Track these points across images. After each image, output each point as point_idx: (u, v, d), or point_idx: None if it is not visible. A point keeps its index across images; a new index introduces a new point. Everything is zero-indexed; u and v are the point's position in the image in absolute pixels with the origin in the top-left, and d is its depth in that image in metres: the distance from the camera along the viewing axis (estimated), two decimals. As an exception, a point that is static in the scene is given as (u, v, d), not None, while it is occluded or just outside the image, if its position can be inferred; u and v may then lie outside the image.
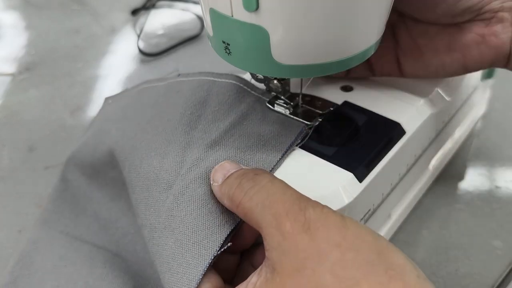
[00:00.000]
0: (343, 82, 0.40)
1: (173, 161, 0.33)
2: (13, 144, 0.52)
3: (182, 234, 0.29)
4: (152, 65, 0.65)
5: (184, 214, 0.29)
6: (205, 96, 0.37)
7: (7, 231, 0.43)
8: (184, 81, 0.39)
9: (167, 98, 0.38)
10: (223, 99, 0.36)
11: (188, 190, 0.30)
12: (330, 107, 0.36)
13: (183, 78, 0.40)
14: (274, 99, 0.36)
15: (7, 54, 0.68)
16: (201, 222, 0.29)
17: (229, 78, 0.38)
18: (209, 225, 0.28)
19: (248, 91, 0.37)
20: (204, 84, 0.38)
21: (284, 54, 0.28)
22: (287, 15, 0.26)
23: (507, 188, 0.45)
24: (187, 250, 0.28)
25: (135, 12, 0.75)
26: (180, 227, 0.29)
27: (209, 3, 0.29)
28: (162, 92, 0.40)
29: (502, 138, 0.51)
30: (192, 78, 0.39)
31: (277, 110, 0.36)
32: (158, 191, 0.32)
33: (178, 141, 0.34)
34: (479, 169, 0.47)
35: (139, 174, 0.34)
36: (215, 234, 0.28)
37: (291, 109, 0.35)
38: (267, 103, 0.36)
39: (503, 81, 0.54)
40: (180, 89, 0.38)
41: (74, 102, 0.58)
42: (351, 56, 0.29)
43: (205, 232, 0.28)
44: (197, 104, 0.36)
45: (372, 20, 0.29)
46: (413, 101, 0.38)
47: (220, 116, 0.35)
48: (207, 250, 0.27)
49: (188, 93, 0.37)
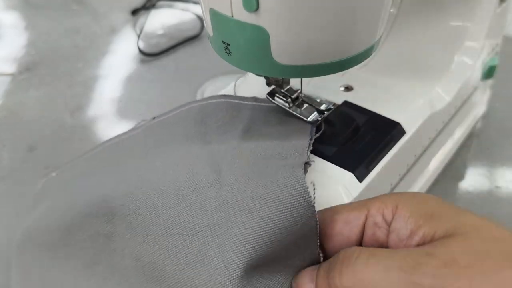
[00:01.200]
0: (343, 82, 0.40)
1: (207, 181, 0.29)
2: (13, 144, 0.52)
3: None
4: (152, 65, 0.65)
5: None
6: (201, 117, 0.35)
7: (7, 231, 0.43)
8: (165, 119, 0.37)
9: (154, 139, 0.35)
10: (221, 114, 0.35)
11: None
12: (330, 105, 0.36)
13: (162, 117, 0.37)
14: (274, 91, 0.36)
15: (7, 54, 0.68)
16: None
17: (215, 98, 0.36)
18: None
19: (241, 102, 0.36)
20: (192, 109, 0.36)
21: (284, 54, 0.28)
22: (287, 16, 0.26)
23: (507, 188, 0.45)
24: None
25: (135, 12, 0.75)
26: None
27: (209, 3, 0.28)
28: (142, 137, 0.36)
29: (502, 138, 0.51)
30: (172, 113, 0.37)
31: (277, 102, 0.35)
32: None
33: (202, 158, 0.30)
34: (479, 169, 0.47)
35: (161, 216, 0.28)
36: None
37: (291, 103, 0.35)
38: (266, 95, 0.36)
39: (503, 81, 0.54)
40: (166, 125, 0.36)
41: (74, 102, 0.58)
42: (351, 57, 0.29)
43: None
44: (196, 123, 0.34)
45: (372, 20, 0.29)
46: (413, 101, 0.38)
47: (228, 127, 0.33)
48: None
49: (180, 122, 0.35)
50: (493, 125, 0.52)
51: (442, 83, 0.40)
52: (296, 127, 0.33)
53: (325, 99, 0.37)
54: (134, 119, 0.55)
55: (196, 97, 0.58)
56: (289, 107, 0.35)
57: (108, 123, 0.55)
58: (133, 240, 0.29)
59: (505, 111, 0.54)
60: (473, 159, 0.48)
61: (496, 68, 0.47)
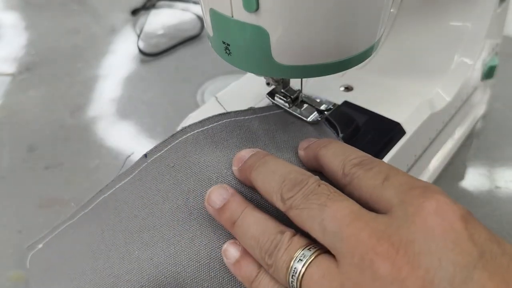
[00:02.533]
0: (343, 82, 0.40)
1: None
2: (13, 144, 0.52)
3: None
4: (152, 65, 0.65)
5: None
6: (213, 144, 0.32)
7: (7, 231, 0.43)
8: (162, 158, 0.33)
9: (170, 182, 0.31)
10: (233, 139, 0.32)
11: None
12: (330, 106, 0.36)
13: (158, 154, 0.33)
14: (274, 91, 0.36)
15: (7, 54, 0.68)
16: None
17: (214, 120, 0.33)
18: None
19: (244, 118, 0.34)
20: (199, 137, 0.32)
21: (284, 55, 0.28)
22: (287, 16, 0.26)
23: (507, 188, 0.45)
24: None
25: (135, 12, 0.75)
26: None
27: (209, 3, 0.28)
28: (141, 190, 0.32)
29: (502, 138, 0.51)
30: (167, 147, 0.33)
31: (277, 102, 0.35)
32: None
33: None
34: (479, 169, 0.47)
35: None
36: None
37: (291, 103, 0.35)
38: (266, 95, 0.36)
39: (503, 81, 0.54)
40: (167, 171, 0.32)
41: (74, 102, 0.58)
42: (351, 57, 0.29)
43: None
44: (214, 151, 0.31)
45: (372, 20, 0.29)
46: (413, 101, 0.38)
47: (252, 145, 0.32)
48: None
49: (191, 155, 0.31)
50: (493, 125, 0.52)
51: (442, 83, 0.40)
52: (315, 133, 0.33)
53: (325, 99, 0.37)
54: (134, 119, 0.55)
55: (196, 97, 0.58)
56: (289, 107, 0.35)
57: (108, 123, 0.55)
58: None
59: (505, 111, 0.54)
60: (473, 159, 0.48)
61: (496, 68, 0.47)
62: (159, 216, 0.30)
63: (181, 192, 0.30)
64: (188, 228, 0.28)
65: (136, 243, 0.29)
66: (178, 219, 0.29)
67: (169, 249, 0.28)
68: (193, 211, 0.29)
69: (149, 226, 0.30)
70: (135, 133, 0.54)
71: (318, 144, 0.29)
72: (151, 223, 0.30)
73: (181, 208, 0.29)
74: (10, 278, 0.39)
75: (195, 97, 0.58)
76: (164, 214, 0.29)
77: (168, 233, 0.29)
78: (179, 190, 0.30)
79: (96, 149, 0.51)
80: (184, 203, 0.29)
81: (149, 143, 0.52)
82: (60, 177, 0.48)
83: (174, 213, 0.29)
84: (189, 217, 0.29)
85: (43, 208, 0.44)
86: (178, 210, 0.29)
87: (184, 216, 0.29)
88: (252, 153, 0.28)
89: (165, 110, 0.56)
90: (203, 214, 0.28)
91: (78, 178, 0.48)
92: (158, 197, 0.30)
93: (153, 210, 0.30)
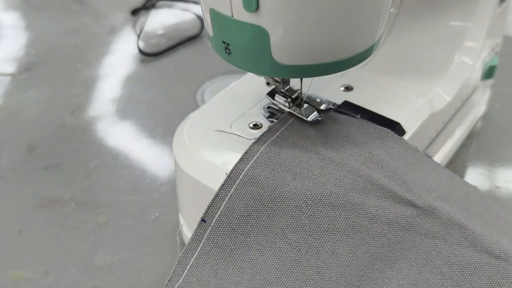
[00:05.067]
0: (343, 82, 0.40)
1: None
2: (13, 144, 0.52)
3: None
4: (152, 65, 0.65)
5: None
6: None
7: (7, 231, 0.43)
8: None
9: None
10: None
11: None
12: (331, 105, 0.36)
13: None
14: (274, 91, 0.36)
15: (7, 54, 0.68)
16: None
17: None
18: None
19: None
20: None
21: (284, 54, 0.28)
22: (287, 15, 0.26)
23: (507, 188, 0.45)
24: None
25: (135, 12, 0.75)
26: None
27: (209, 3, 0.29)
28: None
29: (502, 138, 0.51)
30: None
31: (277, 102, 0.35)
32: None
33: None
34: (479, 169, 0.47)
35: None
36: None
37: (291, 103, 0.35)
38: (266, 95, 0.36)
39: (503, 81, 0.54)
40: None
41: (74, 102, 0.58)
42: (351, 57, 0.29)
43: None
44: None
45: (372, 20, 0.29)
46: (413, 101, 0.38)
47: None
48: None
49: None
50: (493, 125, 0.52)
51: (442, 83, 0.40)
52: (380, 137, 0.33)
53: (325, 99, 0.37)
54: (134, 119, 0.55)
55: (196, 97, 0.58)
56: (289, 107, 0.35)
57: (108, 123, 0.55)
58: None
59: (505, 111, 0.54)
60: (473, 159, 0.48)
61: (496, 68, 0.47)
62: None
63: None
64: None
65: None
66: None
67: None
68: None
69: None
70: (135, 133, 0.54)
71: None
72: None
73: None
74: (10, 278, 0.39)
75: (195, 97, 0.58)
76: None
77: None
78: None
79: (96, 149, 0.51)
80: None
81: (149, 143, 0.52)
82: (60, 177, 0.48)
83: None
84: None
85: (43, 208, 0.44)
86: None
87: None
88: None
89: (165, 110, 0.56)
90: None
91: (78, 178, 0.48)
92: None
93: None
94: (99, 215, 0.44)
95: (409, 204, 0.29)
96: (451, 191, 0.31)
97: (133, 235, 0.42)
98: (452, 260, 0.28)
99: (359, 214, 0.29)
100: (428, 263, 0.28)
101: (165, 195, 0.45)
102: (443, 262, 0.28)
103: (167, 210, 0.44)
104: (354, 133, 0.33)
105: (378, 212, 0.29)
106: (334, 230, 0.28)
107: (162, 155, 0.50)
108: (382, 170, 0.31)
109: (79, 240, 0.42)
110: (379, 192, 0.30)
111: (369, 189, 0.30)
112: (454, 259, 0.28)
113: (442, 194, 0.31)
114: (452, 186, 0.32)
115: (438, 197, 0.30)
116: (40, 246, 0.41)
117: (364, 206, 0.29)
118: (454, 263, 0.27)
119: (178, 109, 0.56)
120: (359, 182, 0.30)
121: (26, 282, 0.39)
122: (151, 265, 0.39)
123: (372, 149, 0.32)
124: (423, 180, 0.31)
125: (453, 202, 0.31)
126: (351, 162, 0.31)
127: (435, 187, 0.31)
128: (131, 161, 0.50)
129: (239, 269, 0.29)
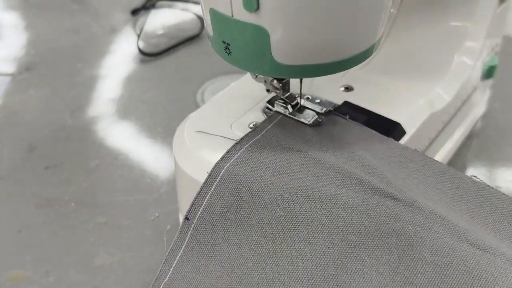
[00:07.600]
0: (343, 82, 0.40)
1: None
2: (13, 144, 0.52)
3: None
4: (152, 65, 0.65)
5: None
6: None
7: (7, 231, 0.43)
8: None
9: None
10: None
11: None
12: (330, 108, 0.36)
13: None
14: (273, 99, 0.36)
15: (7, 54, 0.68)
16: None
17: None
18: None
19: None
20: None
21: (284, 54, 0.28)
22: (287, 15, 0.26)
23: (507, 188, 0.45)
24: None
25: (135, 12, 0.75)
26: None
27: (209, 3, 0.29)
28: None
29: (502, 138, 0.51)
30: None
31: (277, 109, 0.36)
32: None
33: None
34: (479, 169, 0.47)
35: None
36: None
37: (291, 109, 0.35)
38: (266, 103, 0.36)
39: (503, 81, 0.54)
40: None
41: (74, 102, 0.58)
42: (351, 57, 0.29)
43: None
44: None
45: (372, 20, 0.29)
46: (413, 101, 0.38)
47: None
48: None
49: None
50: (493, 125, 0.52)
51: (442, 83, 0.40)
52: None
53: (325, 99, 0.37)
54: (134, 119, 0.55)
55: (196, 97, 0.58)
56: (289, 113, 0.35)
57: (108, 123, 0.55)
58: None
59: (505, 111, 0.54)
60: (473, 159, 0.48)
61: (496, 68, 0.47)
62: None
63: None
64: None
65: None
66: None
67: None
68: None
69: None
70: (135, 133, 0.54)
71: None
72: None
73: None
74: (10, 278, 0.39)
75: (195, 97, 0.58)
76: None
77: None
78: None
79: (96, 149, 0.51)
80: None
81: (149, 143, 0.52)
82: (60, 177, 0.48)
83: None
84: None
85: (43, 208, 0.44)
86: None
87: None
88: None
89: (165, 110, 0.56)
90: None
91: (78, 178, 0.48)
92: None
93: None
94: (99, 215, 0.44)
95: (389, 197, 0.29)
96: (438, 187, 0.31)
97: (133, 235, 0.42)
98: (435, 246, 0.26)
99: (335, 205, 0.28)
100: (410, 249, 0.27)
101: (165, 195, 0.45)
102: (425, 248, 0.26)
103: (167, 210, 0.44)
104: (341, 134, 0.34)
105: (355, 202, 0.28)
106: (309, 221, 0.28)
107: (162, 155, 0.50)
108: (363, 167, 0.30)
109: (79, 240, 0.42)
110: (358, 186, 0.29)
111: (348, 183, 0.29)
112: (437, 245, 0.26)
113: (425, 191, 0.30)
114: (441, 181, 0.31)
115: (420, 194, 0.30)
116: (40, 246, 0.41)
117: (341, 197, 0.29)
118: (437, 249, 0.26)
119: (178, 109, 0.56)
120: (338, 177, 0.30)
121: (26, 282, 0.39)
122: (151, 265, 0.39)
123: (355, 149, 0.32)
124: (405, 179, 0.31)
125: (437, 200, 0.30)
126: (332, 160, 0.31)
127: (417, 183, 0.31)
128: (131, 161, 0.50)
129: (220, 264, 0.29)
